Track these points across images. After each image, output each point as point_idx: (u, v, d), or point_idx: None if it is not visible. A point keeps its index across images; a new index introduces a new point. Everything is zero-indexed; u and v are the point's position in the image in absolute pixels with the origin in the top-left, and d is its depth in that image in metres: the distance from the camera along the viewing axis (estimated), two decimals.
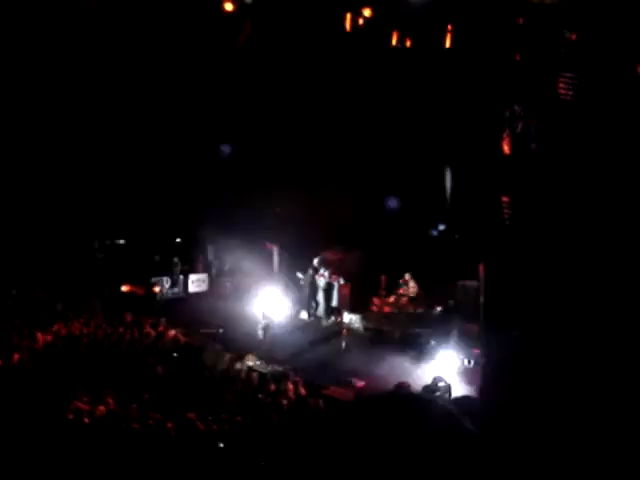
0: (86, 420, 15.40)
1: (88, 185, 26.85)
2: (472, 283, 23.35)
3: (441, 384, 18.78)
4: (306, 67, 24.81)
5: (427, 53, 22.26)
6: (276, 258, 26.50)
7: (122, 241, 27.75)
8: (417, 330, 23.00)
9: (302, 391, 17.98)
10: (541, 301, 18.72)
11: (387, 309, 24.24)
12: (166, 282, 26.65)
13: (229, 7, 22.03)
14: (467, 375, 20.33)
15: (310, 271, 24.80)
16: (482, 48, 21.30)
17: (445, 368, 20.35)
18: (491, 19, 20.80)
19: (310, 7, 22.24)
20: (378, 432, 15.24)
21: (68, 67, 25.30)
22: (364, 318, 24.19)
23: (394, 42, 22.26)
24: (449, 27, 21.36)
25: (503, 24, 20.75)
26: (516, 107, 20.82)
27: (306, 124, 25.98)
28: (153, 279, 26.06)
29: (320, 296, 24.79)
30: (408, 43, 22.23)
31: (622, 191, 18.60)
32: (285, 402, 17.12)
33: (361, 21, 21.57)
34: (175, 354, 20.28)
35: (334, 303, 24.67)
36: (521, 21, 20.51)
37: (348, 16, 21.68)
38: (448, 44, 21.36)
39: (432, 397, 18.35)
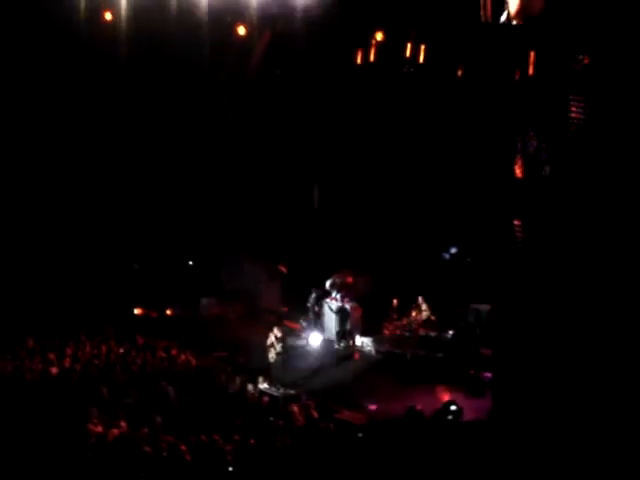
0: (100, 443, 15.43)
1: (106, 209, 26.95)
2: (484, 306, 23.44)
3: (453, 408, 18.75)
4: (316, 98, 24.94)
5: (439, 78, 22.30)
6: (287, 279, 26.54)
7: (136, 265, 27.81)
8: (429, 353, 23.05)
9: (314, 414, 17.98)
10: (555, 324, 18.64)
11: (399, 332, 24.23)
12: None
13: (242, 31, 22.11)
14: (479, 399, 20.29)
15: (314, 294, 24.83)
16: (494, 72, 21.32)
17: (456, 392, 20.36)
18: (503, 45, 20.81)
19: (321, 38, 22.30)
20: (389, 457, 15.21)
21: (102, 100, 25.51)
22: (376, 341, 24.19)
23: (405, 70, 22.30)
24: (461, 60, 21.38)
25: (514, 49, 20.76)
26: (528, 131, 20.79)
27: (312, 142, 26.05)
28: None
29: (332, 319, 24.77)
30: (420, 62, 22.26)
31: (635, 214, 18.53)
32: (297, 425, 17.12)
33: (372, 56, 21.65)
34: (187, 377, 20.31)
35: (346, 326, 24.64)
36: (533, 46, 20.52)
37: (359, 51, 21.75)
38: (460, 73, 21.39)
39: (443, 422, 18.36)
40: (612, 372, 17.36)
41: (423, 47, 21.31)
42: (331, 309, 24.81)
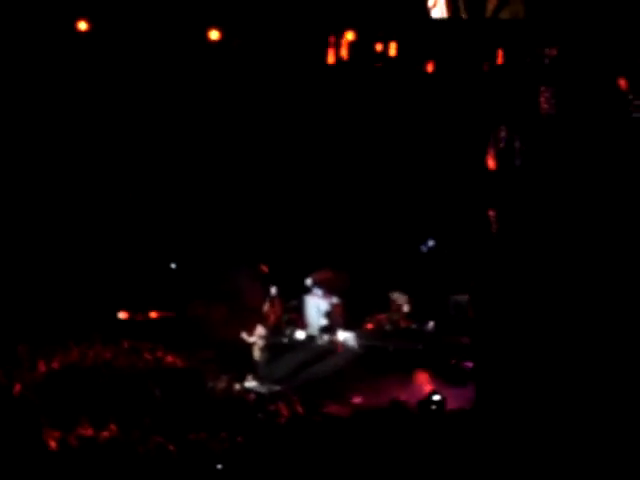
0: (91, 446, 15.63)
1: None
2: (463, 297, 23.72)
3: (436, 398, 18.99)
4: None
5: (409, 74, 22.45)
6: (269, 279, 26.63)
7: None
8: (410, 345, 23.29)
9: (299, 409, 18.20)
10: (531, 311, 18.90)
11: (380, 326, 24.48)
12: None
13: (215, 36, 22.14)
14: (461, 388, 20.57)
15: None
16: (464, 66, 21.50)
17: (439, 382, 20.60)
18: (471, 38, 21.02)
19: (291, 39, 22.41)
20: (374, 448, 15.44)
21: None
22: (358, 335, 24.36)
23: (378, 62, 22.43)
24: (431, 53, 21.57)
25: (483, 42, 20.96)
26: (499, 122, 21.00)
27: (291, 138, 26.11)
28: None
29: (314, 315, 24.98)
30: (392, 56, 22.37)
31: (606, 204, 18.79)
32: (283, 421, 17.33)
33: (344, 52, 21.75)
34: (174, 378, 20.48)
35: (328, 322, 24.87)
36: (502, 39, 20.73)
37: (330, 50, 21.86)
38: (430, 69, 21.58)
39: (427, 411, 18.61)
40: (591, 358, 17.67)
41: (394, 44, 21.40)
42: (312, 305, 25.01)
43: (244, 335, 23.64)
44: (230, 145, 26.59)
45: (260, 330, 22.46)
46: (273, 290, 23.05)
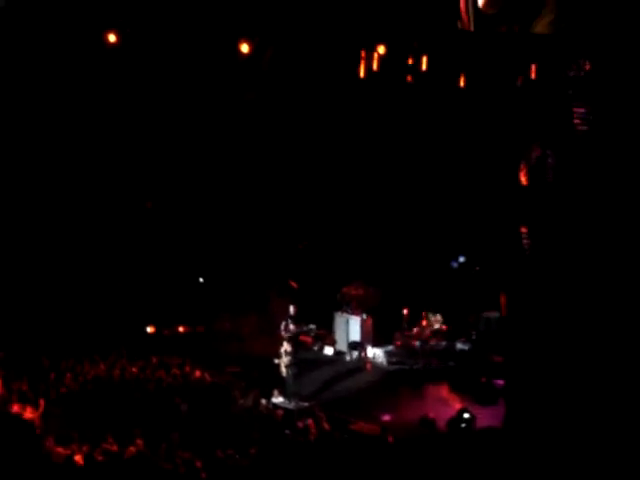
0: (117, 461, 15.54)
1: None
2: (494, 314, 23.52)
3: (466, 416, 18.82)
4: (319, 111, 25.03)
5: (444, 86, 22.38)
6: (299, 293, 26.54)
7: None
8: (441, 363, 23.13)
9: (325, 426, 18.06)
10: (565, 329, 18.67)
11: (410, 343, 24.29)
12: None
13: (245, 49, 22.12)
14: (491, 407, 20.38)
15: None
16: (497, 81, 21.40)
17: (469, 400, 20.43)
18: (504, 52, 20.88)
19: (324, 52, 22.37)
20: (403, 467, 15.27)
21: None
22: (387, 352, 24.30)
23: (409, 79, 22.34)
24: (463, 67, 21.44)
25: (516, 57, 20.83)
26: (532, 137, 20.86)
27: (322, 153, 26.11)
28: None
29: (343, 331, 24.84)
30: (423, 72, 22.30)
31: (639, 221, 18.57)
32: (311, 438, 17.20)
33: (375, 65, 21.67)
34: (201, 393, 20.39)
35: (357, 338, 24.71)
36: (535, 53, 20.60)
37: (362, 62, 21.80)
38: (462, 83, 21.45)
39: (457, 430, 18.42)
40: (624, 378, 17.41)
41: (425, 57, 21.32)
42: (342, 321, 24.90)
43: (272, 350, 23.48)
44: (261, 159, 26.62)
45: (287, 346, 22.32)
46: (292, 310, 22.92)
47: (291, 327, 22.25)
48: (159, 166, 26.77)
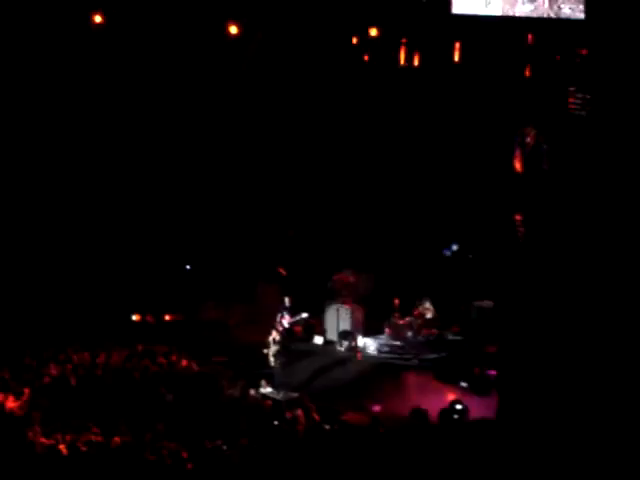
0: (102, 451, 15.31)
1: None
2: (487, 303, 23.35)
3: (458, 407, 18.67)
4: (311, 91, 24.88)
5: (436, 72, 22.30)
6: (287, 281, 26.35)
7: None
8: (432, 352, 22.95)
9: (315, 417, 17.87)
10: (558, 318, 18.57)
11: (402, 332, 24.06)
12: None
13: (234, 30, 21.93)
14: (484, 398, 20.18)
15: None
16: (492, 66, 21.34)
17: (461, 391, 20.31)
18: (500, 36, 20.81)
19: (315, 31, 22.23)
20: (393, 458, 15.10)
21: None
22: (378, 342, 24.06)
23: (402, 61, 22.23)
24: (457, 45, 21.32)
25: (512, 41, 20.75)
26: (527, 125, 20.82)
27: (311, 139, 25.99)
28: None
29: (333, 320, 24.60)
30: (416, 62, 22.19)
31: (635, 207, 18.47)
32: (300, 428, 17.00)
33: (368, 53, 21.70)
34: (188, 383, 20.17)
35: (348, 327, 24.47)
36: (531, 37, 20.49)
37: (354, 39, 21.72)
38: (457, 59, 21.33)
39: (449, 422, 18.25)
40: (617, 368, 17.32)
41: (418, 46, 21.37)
42: (331, 309, 24.69)
43: (259, 339, 23.26)
44: (249, 145, 26.48)
45: (275, 335, 22.09)
46: (287, 301, 22.70)
47: (286, 318, 22.06)
48: (146, 151, 26.55)
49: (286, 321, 22.02)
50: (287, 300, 22.39)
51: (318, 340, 24.66)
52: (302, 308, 23.44)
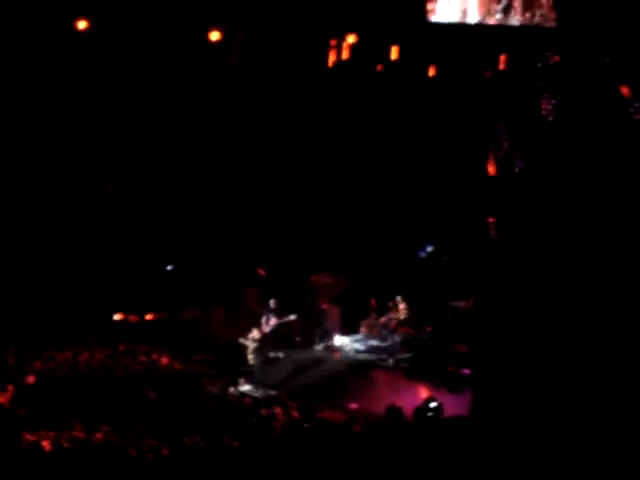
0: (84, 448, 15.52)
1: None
2: (461, 304, 23.67)
3: (433, 405, 18.87)
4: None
5: (411, 77, 22.40)
6: (267, 282, 26.50)
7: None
8: (408, 352, 23.24)
9: (295, 415, 18.08)
10: (532, 318, 18.81)
11: (378, 331, 24.33)
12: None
13: (215, 37, 22.04)
14: (458, 395, 20.45)
15: None
16: (464, 72, 21.46)
17: (436, 389, 20.55)
18: (473, 43, 20.96)
19: (295, 37, 22.33)
20: (370, 455, 15.33)
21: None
22: (355, 341, 24.35)
23: (378, 68, 22.38)
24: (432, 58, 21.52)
25: (484, 47, 20.91)
26: (500, 128, 20.96)
27: (291, 140, 26.06)
28: None
29: (311, 320, 24.82)
30: (392, 68, 22.31)
31: (607, 208, 18.74)
32: (278, 426, 17.23)
33: (345, 55, 21.70)
34: (169, 381, 20.36)
35: (325, 326, 24.72)
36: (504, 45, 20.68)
37: (332, 50, 21.81)
38: (432, 73, 21.53)
39: (424, 420, 18.49)
40: (589, 364, 17.58)
41: (396, 47, 21.37)
42: (309, 309, 24.90)
43: (239, 339, 23.46)
44: (229, 146, 26.49)
45: (255, 334, 22.32)
46: (272, 303, 22.91)
47: (272, 320, 22.25)
48: (128, 151, 26.57)
49: (272, 323, 22.23)
50: (273, 302, 22.60)
51: (296, 339, 24.81)
52: (289, 310, 23.83)
